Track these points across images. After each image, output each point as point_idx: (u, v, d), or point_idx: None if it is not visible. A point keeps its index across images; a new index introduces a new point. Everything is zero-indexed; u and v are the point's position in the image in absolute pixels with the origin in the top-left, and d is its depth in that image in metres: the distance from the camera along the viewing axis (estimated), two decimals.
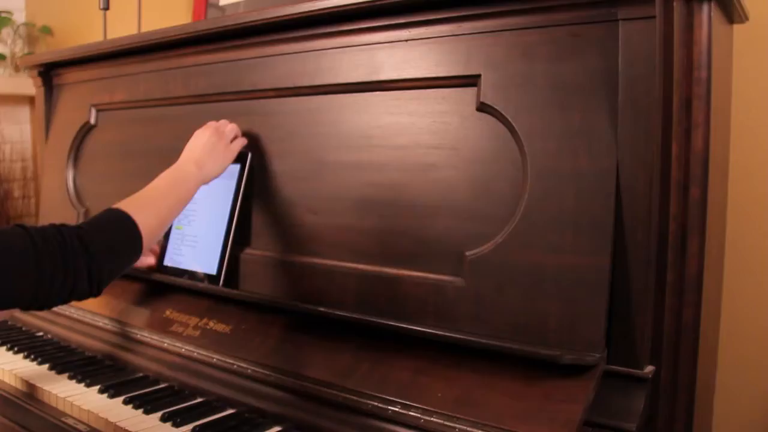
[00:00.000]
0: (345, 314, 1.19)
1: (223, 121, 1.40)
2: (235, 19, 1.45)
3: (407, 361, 1.12)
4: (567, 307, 1.02)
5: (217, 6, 2.19)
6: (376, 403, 1.08)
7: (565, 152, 1.05)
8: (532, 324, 1.05)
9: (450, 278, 1.13)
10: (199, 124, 1.55)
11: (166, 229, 1.20)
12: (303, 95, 1.37)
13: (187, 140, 1.51)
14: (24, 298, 0.93)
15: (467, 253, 1.11)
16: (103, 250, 1.01)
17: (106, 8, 2.16)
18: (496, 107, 1.12)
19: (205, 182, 1.31)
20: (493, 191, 1.12)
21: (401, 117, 1.23)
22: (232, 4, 2.13)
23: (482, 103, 1.13)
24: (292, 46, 1.40)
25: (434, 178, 1.18)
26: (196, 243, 1.48)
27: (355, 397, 1.10)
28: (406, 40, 1.24)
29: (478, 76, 1.14)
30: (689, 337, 1.12)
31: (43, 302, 0.95)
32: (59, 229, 0.97)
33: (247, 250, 1.42)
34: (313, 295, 1.28)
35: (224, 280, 1.41)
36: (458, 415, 1.00)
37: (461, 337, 1.07)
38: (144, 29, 2.17)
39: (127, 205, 1.10)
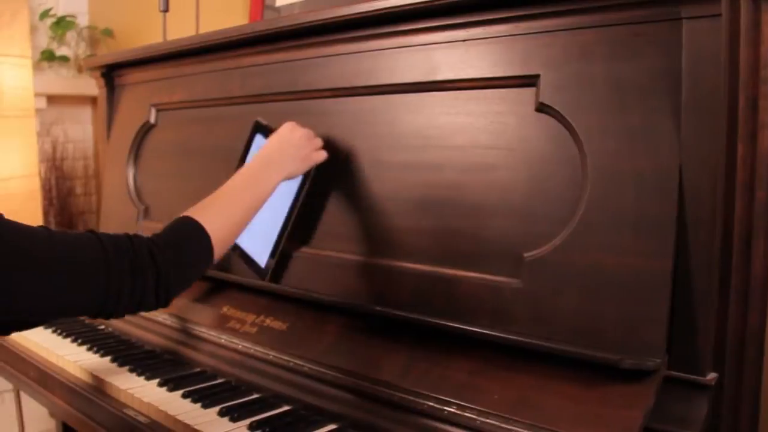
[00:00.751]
0: (401, 314, 1.19)
1: (308, 130, 1.35)
2: (292, 20, 1.46)
3: (463, 361, 1.12)
4: (627, 310, 1.01)
5: (273, 8, 2.21)
6: (431, 404, 1.08)
7: (625, 152, 1.03)
8: (590, 327, 1.04)
9: (507, 279, 1.12)
10: None
11: (238, 236, 1.17)
12: (359, 95, 1.37)
13: (244, 139, 1.53)
14: (92, 307, 0.93)
15: (525, 255, 1.10)
16: (173, 265, 1.00)
17: (166, 10, 2.20)
18: (555, 107, 1.10)
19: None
20: (551, 192, 1.11)
21: (459, 117, 1.23)
22: (288, 5, 2.15)
23: (541, 104, 1.12)
24: (349, 47, 1.40)
25: (492, 178, 1.17)
26: (252, 240, 1.50)
27: (411, 397, 1.10)
28: (464, 40, 1.23)
29: (537, 76, 1.13)
30: (754, 343, 1.10)
31: (110, 313, 0.95)
32: (132, 241, 0.97)
33: (303, 249, 1.43)
34: (369, 294, 1.28)
35: (282, 278, 1.42)
36: (515, 417, 1.00)
37: (518, 338, 1.06)
38: (201, 30, 2.21)
39: (200, 214, 1.07)
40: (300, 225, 1.43)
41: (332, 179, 1.39)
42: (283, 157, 1.26)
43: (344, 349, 1.24)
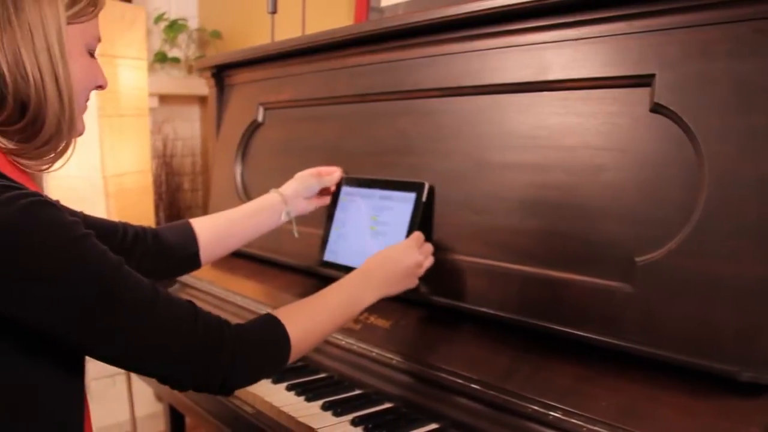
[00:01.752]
0: (506, 315, 1.18)
1: (422, 239, 1.32)
2: (399, 20, 1.47)
3: (569, 366, 1.10)
4: (745, 320, 0.96)
5: (378, 9, 2.23)
6: (536, 408, 1.06)
7: (747, 156, 0.99)
8: (705, 336, 0.99)
9: (617, 284, 1.09)
10: (363, 122, 1.59)
11: (316, 345, 1.16)
12: (467, 95, 1.37)
13: (351, 138, 1.55)
14: (159, 374, 0.96)
15: (637, 259, 1.07)
16: (249, 367, 1.01)
17: (274, 12, 2.26)
18: (671, 108, 1.07)
19: None
20: (666, 195, 1.07)
21: (569, 118, 1.20)
22: (392, 6, 2.17)
23: (656, 104, 1.09)
24: (456, 46, 1.40)
25: (602, 180, 1.14)
26: (352, 239, 1.52)
27: (514, 400, 1.09)
28: (575, 39, 1.21)
29: (652, 75, 1.10)
30: None
31: (173, 384, 0.98)
32: (223, 332, 0.98)
33: None
34: (473, 294, 1.28)
35: None
36: (623, 426, 0.97)
37: (629, 345, 1.03)
38: (307, 32, 2.25)
39: (290, 320, 1.06)
40: None
41: (437, 178, 1.39)
42: (387, 281, 1.23)
43: (447, 349, 1.24)
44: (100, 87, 1.07)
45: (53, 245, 0.88)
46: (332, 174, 1.58)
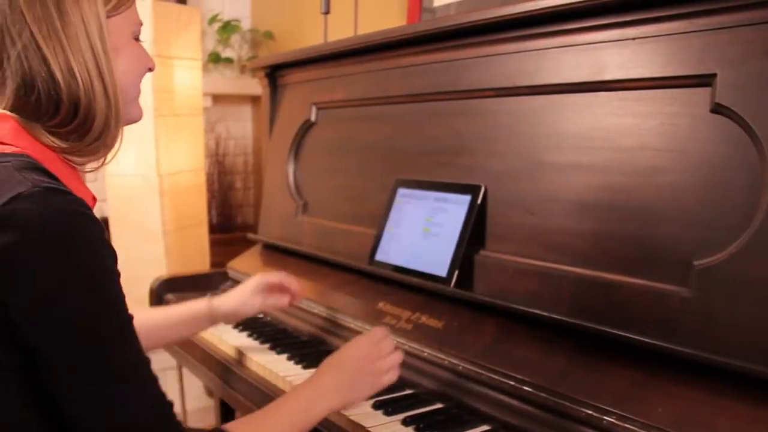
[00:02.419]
0: (560, 317, 1.17)
1: (382, 335, 1.23)
2: (455, 20, 1.47)
3: (624, 370, 1.08)
4: None
5: (430, 9, 2.23)
6: (590, 412, 1.05)
7: None
8: (767, 342, 0.97)
9: (675, 288, 1.07)
10: (417, 122, 1.59)
11: None
12: (522, 95, 1.36)
13: (404, 138, 1.55)
14: None
15: (695, 263, 1.05)
16: None
17: (327, 12, 2.27)
18: (733, 108, 1.04)
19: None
20: (726, 198, 1.05)
21: (626, 118, 1.19)
22: (444, 6, 2.16)
23: (717, 104, 1.06)
24: (511, 46, 1.39)
25: (660, 182, 1.12)
26: (405, 240, 1.52)
27: (568, 403, 1.08)
28: (634, 39, 1.19)
29: (713, 75, 1.07)
30: None
31: None
32: None
33: None
34: (526, 295, 1.27)
35: (438, 277, 1.43)
36: None
37: (687, 351, 1.01)
38: (359, 32, 2.26)
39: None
40: None
41: (491, 178, 1.39)
42: (340, 386, 1.15)
43: (500, 350, 1.23)
44: (150, 69, 1.09)
45: (80, 257, 0.88)
46: (280, 299, 1.52)
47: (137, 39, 1.06)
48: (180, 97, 2.81)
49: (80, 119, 0.97)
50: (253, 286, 1.51)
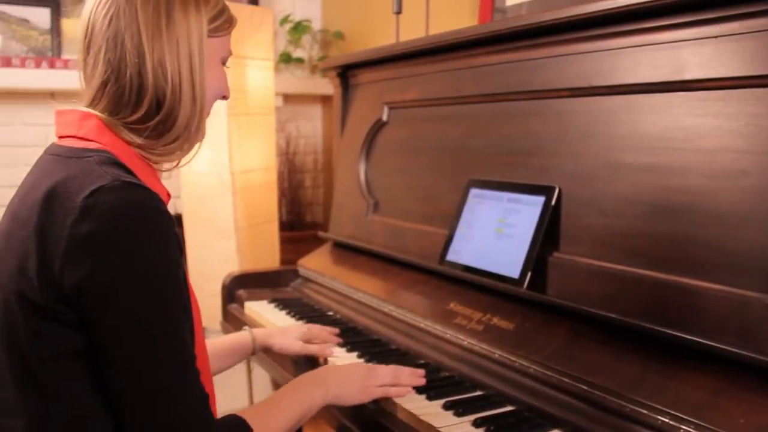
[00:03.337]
0: (635, 322, 1.15)
1: (392, 368, 1.29)
2: (529, 20, 1.45)
3: (702, 379, 1.05)
4: None
5: (502, 9, 2.21)
6: (666, 420, 1.03)
7: None
8: None
9: (758, 295, 1.03)
10: (490, 122, 1.59)
11: None
12: (598, 95, 1.34)
13: (477, 138, 1.55)
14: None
15: None
16: None
17: (399, 12, 2.28)
18: None
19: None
20: None
21: (707, 119, 1.15)
22: (515, 6, 2.14)
23: None
24: (587, 45, 1.37)
25: (743, 185, 1.09)
26: (477, 240, 1.51)
27: (642, 410, 1.06)
28: (716, 37, 1.16)
29: None
30: None
31: None
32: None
33: None
34: (600, 299, 1.25)
35: (510, 279, 1.42)
36: None
37: None
38: (430, 32, 2.26)
39: (257, 422, 1.08)
40: None
41: (565, 179, 1.37)
42: (330, 379, 1.23)
43: (572, 354, 1.21)
44: (224, 97, 1.16)
45: (151, 250, 0.94)
46: (323, 349, 1.52)
47: (224, 65, 1.14)
48: (252, 96, 2.86)
49: (162, 116, 1.04)
50: (300, 333, 1.53)
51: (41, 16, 3.35)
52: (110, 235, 0.91)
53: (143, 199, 0.95)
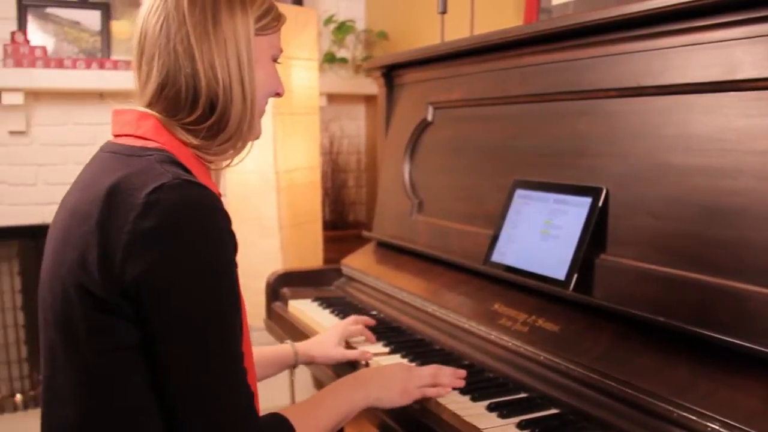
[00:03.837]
0: (684, 326, 1.13)
1: (432, 368, 1.30)
2: (576, 19, 1.44)
3: (755, 386, 1.02)
4: None
5: (547, 9, 2.19)
6: (716, 427, 1.00)
7: None
8: None
9: None
10: (536, 123, 1.58)
11: None
12: (647, 95, 1.32)
13: (523, 139, 1.54)
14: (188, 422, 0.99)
15: None
16: None
17: (444, 12, 2.27)
18: None
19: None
20: None
21: (761, 120, 1.13)
22: (561, 5, 2.12)
23: None
24: (636, 45, 1.35)
25: None
26: (523, 241, 1.50)
27: (691, 416, 1.04)
28: None
29: None
30: None
31: None
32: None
33: None
34: (648, 302, 1.23)
35: (556, 280, 1.41)
36: None
37: None
38: (475, 32, 2.25)
39: (299, 422, 1.09)
40: None
41: (613, 180, 1.35)
42: (371, 382, 1.24)
43: (619, 357, 1.19)
44: (278, 95, 1.18)
45: (211, 247, 0.96)
46: (363, 353, 1.51)
47: (275, 62, 1.16)
48: (297, 96, 2.88)
49: (216, 117, 1.06)
50: (336, 337, 1.53)
51: (92, 18, 3.43)
52: (171, 232, 0.94)
53: (203, 198, 0.97)
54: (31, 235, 3.29)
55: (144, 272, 0.93)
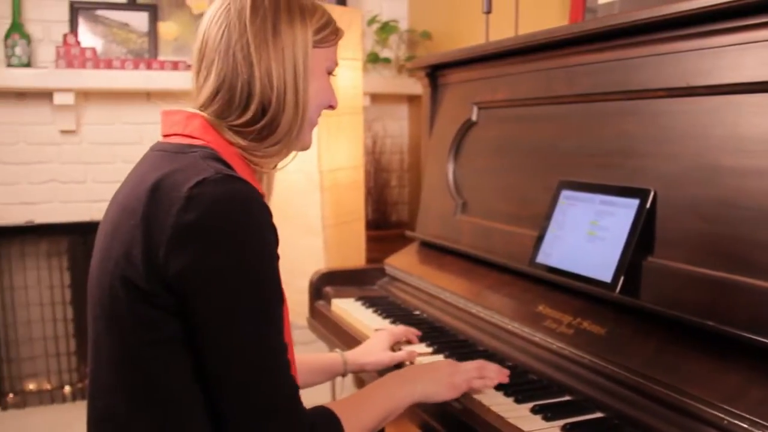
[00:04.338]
0: (735, 331, 1.10)
1: (477, 363, 1.30)
2: (623, 18, 1.42)
3: None
4: None
5: (593, 9, 2.17)
6: None
7: None
8: None
9: None
10: (582, 123, 1.56)
11: None
12: (697, 95, 1.29)
13: (569, 139, 1.52)
14: (233, 412, 1.00)
15: None
16: None
17: (489, 11, 2.26)
18: None
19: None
20: None
21: None
22: (606, 4, 2.09)
23: None
24: (686, 44, 1.33)
25: None
26: (568, 243, 1.49)
27: (743, 424, 1.01)
28: None
29: None
30: None
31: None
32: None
33: None
34: (697, 306, 1.20)
35: (602, 283, 1.39)
36: None
37: None
38: (519, 32, 2.24)
39: (344, 416, 1.09)
40: None
41: (660, 182, 1.33)
42: (418, 377, 1.24)
43: (667, 362, 1.18)
44: (331, 107, 1.21)
45: (252, 239, 0.98)
46: (411, 354, 1.51)
47: (330, 75, 1.18)
48: (341, 96, 2.87)
49: (266, 122, 1.09)
50: (384, 343, 1.53)
51: (140, 19, 3.49)
52: (213, 224, 0.96)
53: (244, 192, 0.99)
54: (80, 232, 3.37)
55: (186, 265, 0.95)
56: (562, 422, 1.16)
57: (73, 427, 3.13)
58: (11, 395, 3.36)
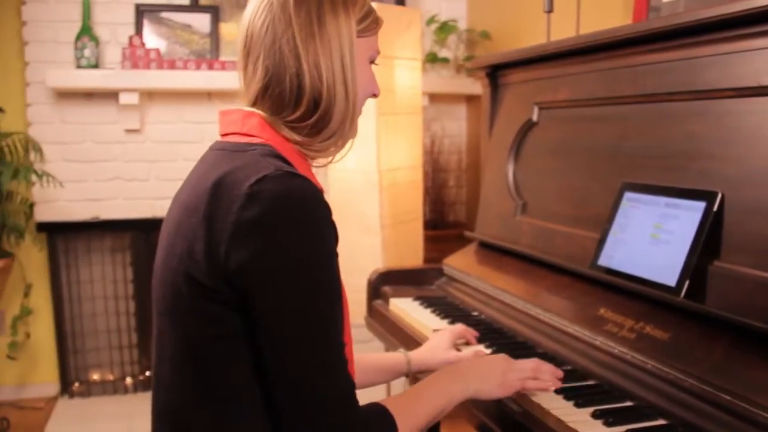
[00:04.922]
0: None
1: (533, 362, 1.29)
2: (690, 17, 1.39)
3: None
4: None
5: (656, 8, 2.12)
6: None
7: None
8: None
9: None
10: (646, 124, 1.53)
11: None
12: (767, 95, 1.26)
13: (632, 140, 1.50)
14: (288, 406, 1.00)
15: None
16: None
17: (550, 11, 2.24)
18: None
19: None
20: None
21: None
22: (670, 3, 2.05)
23: None
24: (756, 42, 1.29)
25: None
26: (631, 245, 1.46)
27: None
28: None
29: None
30: None
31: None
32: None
33: None
34: (765, 312, 1.17)
35: (666, 287, 1.36)
36: None
37: None
38: (582, 31, 2.21)
39: (398, 414, 1.09)
40: None
41: (726, 183, 1.30)
42: (471, 374, 1.23)
43: (733, 370, 1.14)
44: (374, 95, 1.20)
45: (312, 236, 0.99)
46: (476, 351, 1.52)
47: (372, 64, 1.18)
48: (400, 96, 2.90)
49: (319, 115, 1.09)
50: (447, 342, 1.52)
51: (202, 21, 3.56)
52: (274, 221, 0.97)
53: (304, 188, 1.00)
54: (143, 228, 3.46)
55: (247, 261, 0.97)
56: (624, 428, 1.15)
57: (134, 416, 3.23)
58: (77, 384, 3.49)
